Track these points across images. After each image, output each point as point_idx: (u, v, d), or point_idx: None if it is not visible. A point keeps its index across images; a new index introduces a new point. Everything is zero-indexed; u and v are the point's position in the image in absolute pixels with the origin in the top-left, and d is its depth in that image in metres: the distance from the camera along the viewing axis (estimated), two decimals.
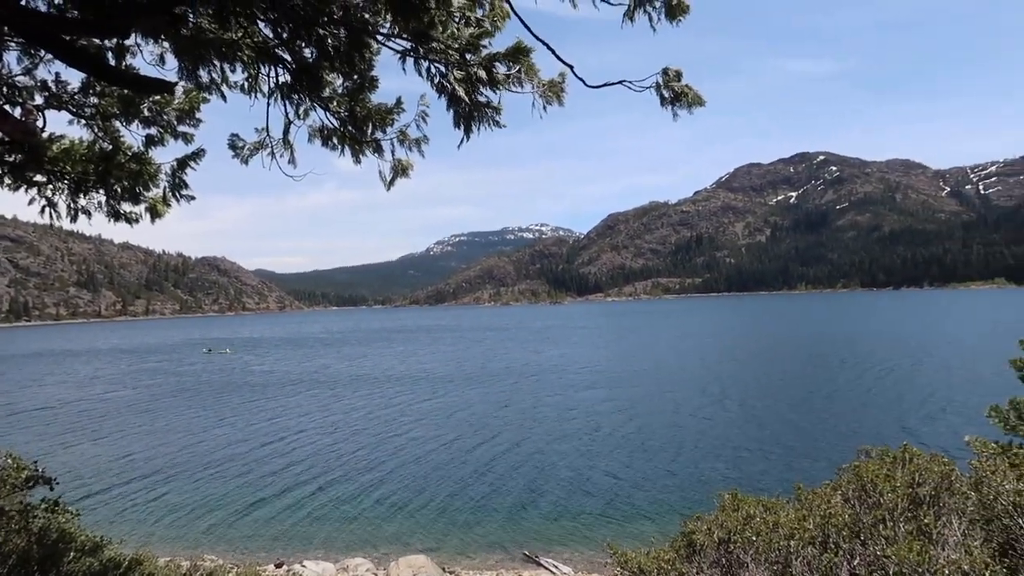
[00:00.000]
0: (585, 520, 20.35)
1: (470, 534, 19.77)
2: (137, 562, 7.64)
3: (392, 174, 6.99)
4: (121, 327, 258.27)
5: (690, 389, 43.36)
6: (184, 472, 27.48)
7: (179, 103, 8.09)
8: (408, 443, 31.23)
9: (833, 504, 5.32)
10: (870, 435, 27.55)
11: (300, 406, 43.91)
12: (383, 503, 22.67)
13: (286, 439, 33.33)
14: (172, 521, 21.74)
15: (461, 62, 4.95)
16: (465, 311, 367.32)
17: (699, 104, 5.58)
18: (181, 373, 69.25)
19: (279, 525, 21.12)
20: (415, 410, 40.47)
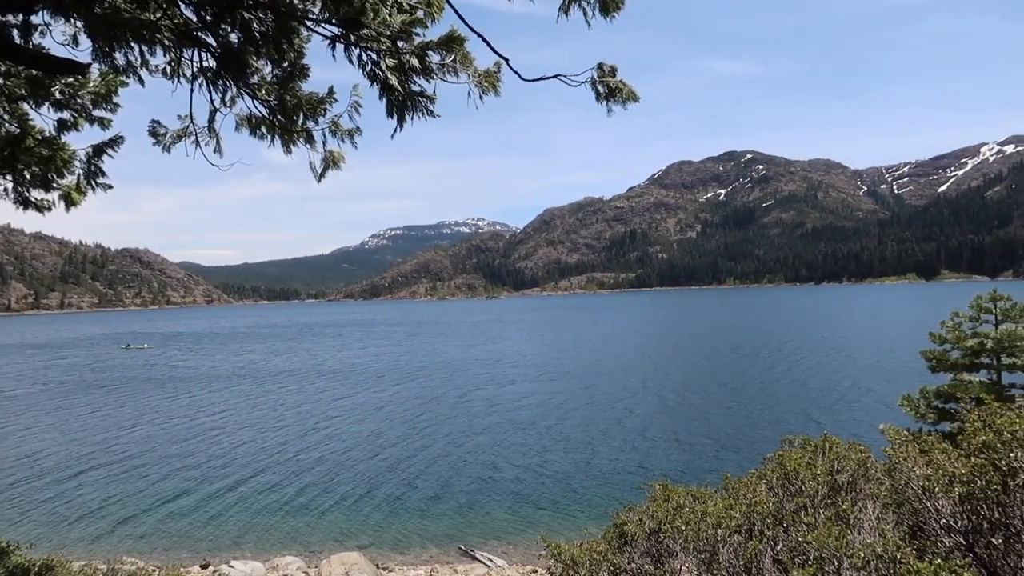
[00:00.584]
0: (519, 514, 20.47)
1: (404, 530, 19.62)
2: (48, 567, 7.24)
3: (324, 165, 6.82)
4: (33, 321, 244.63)
5: (622, 383, 44.15)
6: (100, 472, 26.29)
7: (95, 86, 7.67)
8: (338, 439, 30.74)
9: (758, 493, 5.49)
10: (793, 425, 28.70)
11: (225, 402, 42.62)
12: (314, 500, 22.24)
13: (209, 436, 32.30)
14: (87, 523, 20.78)
15: (393, 50, 4.84)
16: (400, 305, 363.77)
17: (633, 100, 5.63)
18: (97, 369, 66.11)
19: (204, 525, 20.47)
20: (345, 406, 39.85)
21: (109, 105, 7.95)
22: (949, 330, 11.70)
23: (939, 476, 4.93)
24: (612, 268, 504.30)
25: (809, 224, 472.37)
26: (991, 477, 4.78)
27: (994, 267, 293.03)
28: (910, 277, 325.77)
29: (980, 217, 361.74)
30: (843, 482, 5.56)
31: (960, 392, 10.84)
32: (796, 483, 5.47)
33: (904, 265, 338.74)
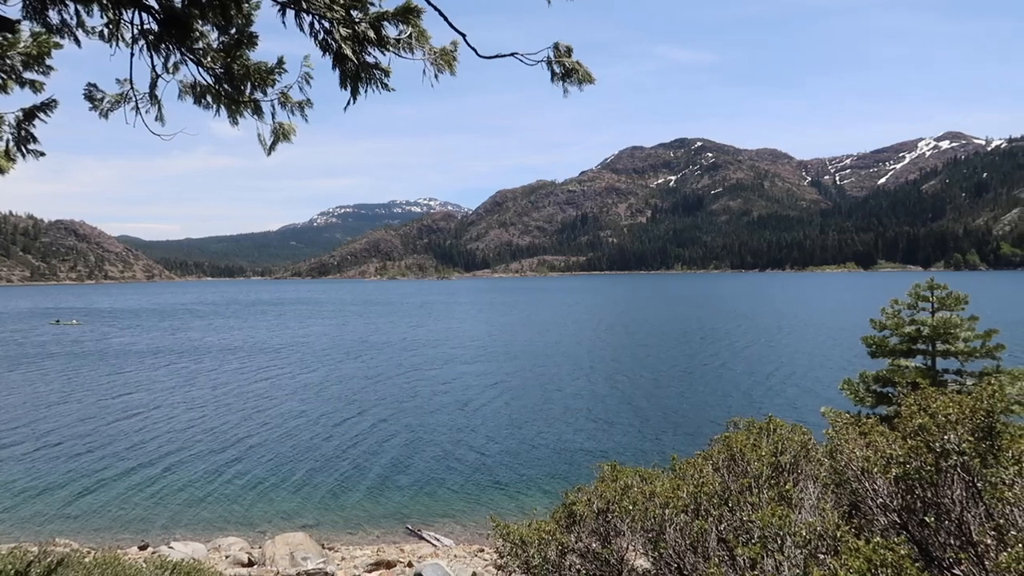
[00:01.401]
0: (466, 494, 20.54)
1: (350, 510, 19.50)
2: None
3: (273, 138, 6.57)
4: None
5: (571, 365, 44.60)
6: (27, 451, 25.33)
7: (25, 47, 7.23)
8: (281, 419, 30.28)
9: (705, 473, 5.60)
10: (738, 407, 29.47)
11: (163, 380, 41.50)
12: (256, 481, 21.89)
13: (146, 415, 31.43)
14: (14, 504, 20.01)
15: (347, 19, 4.67)
16: (349, 284, 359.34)
17: (588, 81, 5.58)
18: (24, 344, 63.47)
19: (141, 506, 19.95)
20: (289, 385, 39.26)
21: (41, 67, 7.50)
22: (888, 317, 12.15)
23: (877, 458, 5.10)
24: (563, 251, 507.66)
25: (755, 212, 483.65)
26: (925, 458, 4.96)
27: (927, 258, 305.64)
28: (849, 266, 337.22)
29: (916, 210, 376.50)
30: (786, 463, 5.71)
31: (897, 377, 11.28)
32: (742, 464, 5.60)
33: (844, 254, 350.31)
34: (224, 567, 13.50)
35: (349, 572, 14.29)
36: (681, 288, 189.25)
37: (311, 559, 14.15)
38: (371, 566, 14.77)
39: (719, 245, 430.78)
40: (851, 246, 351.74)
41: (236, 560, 14.88)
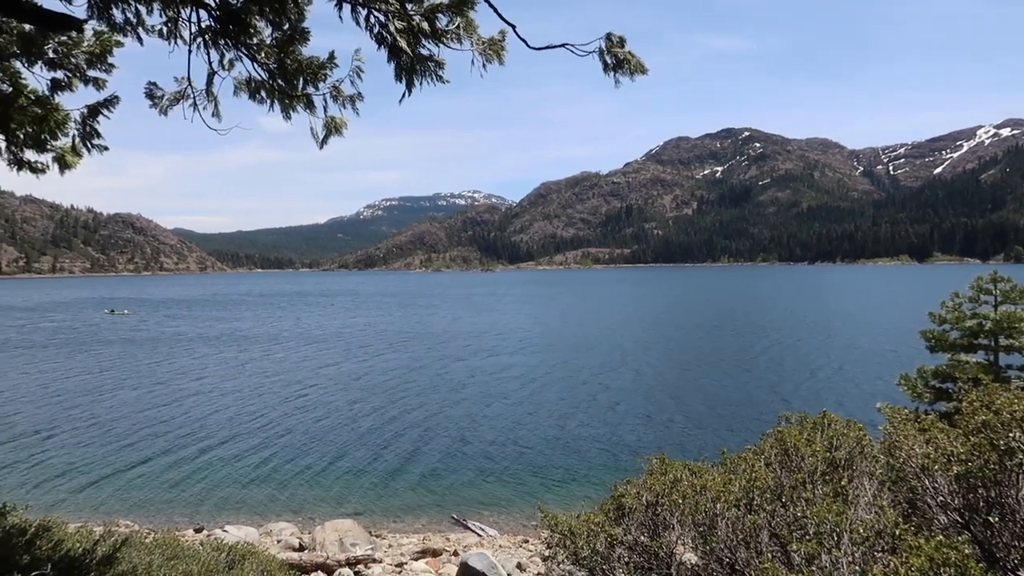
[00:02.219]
0: (510, 484, 20.64)
1: (397, 498, 19.78)
2: (45, 529, 7.25)
3: (325, 132, 6.69)
4: (24, 284, 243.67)
5: (614, 357, 44.35)
6: (91, 436, 26.32)
7: (89, 45, 7.49)
8: (327, 407, 30.84)
9: (757, 468, 5.52)
10: (788, 402, 28.95)
11: (212, 367, 42.69)
12: (307, 467, 22.37)
13: (196, 400, 32.40)
14: (81, 486, 20.86)
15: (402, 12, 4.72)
16: (394, 276, 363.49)
17: (641, 72, 5.52)
18: (81, 332, 65.96)
19: (197, 489, 20.58)
20: (333, 373, 39.96)
21: (104, 65, 7.77)
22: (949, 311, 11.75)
23: (937, 455, 4.96)
24: (607, 244, 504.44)
25: (805, 203, 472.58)
26: (989, 456, 4.81)
27: (986, 250, 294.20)
28: (903, 259, 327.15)
29: (974, 200, 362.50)
30: (841, 459, 5.59)
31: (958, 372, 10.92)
32: (795, 459, 5.50)
33: (897, 247, 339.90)
34: (276, 551, 13.85)
35: (396, 559, 14.52)
36: (728, 281, 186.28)
37: (359, 545, 14.41)
38: (417, 554, 14.97)
39: (767, 237, 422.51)
40: (905, 238, 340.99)
41: (287, 544, 15.25)
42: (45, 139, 7.61)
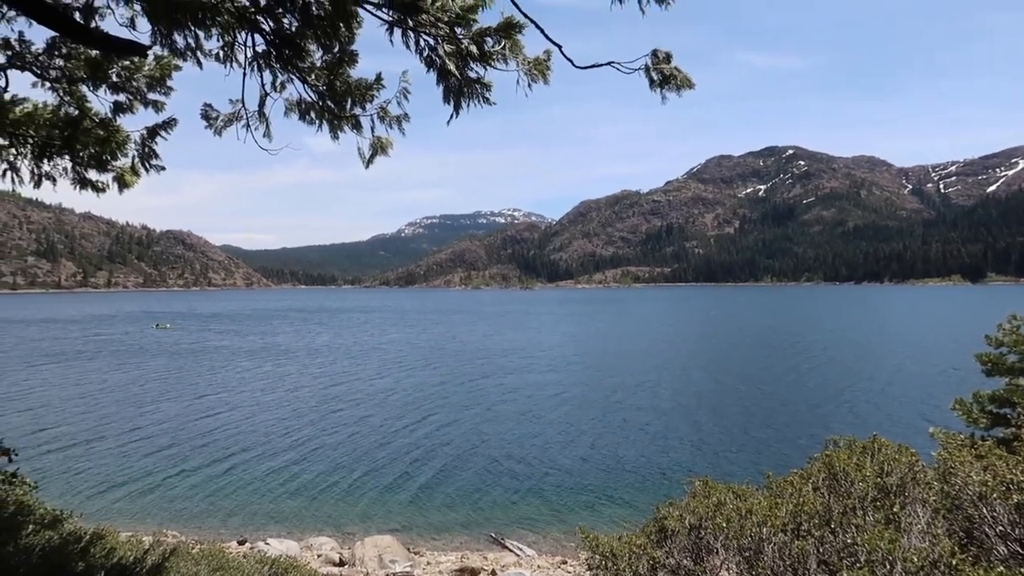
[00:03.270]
0: (549, 503, 20.49)
1: (436, 515, 19.80)
2: (98, 536, 7.46)
3: (372, 151, 6.84)
4: (81, 298, 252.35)
5: (658, 377, 43.84)
6: (141, 446, 26.99)
7: (150, 69, 7.81)
8: (365, 422, 31.08)
9: (804, 493, 5.40)
10: (835, 426, 28.19)
11: (253, 381, 43.45)
12: (346, 481, 22.56)
13: (243, 414, 32.97)
14: (130, 495, 21.37)
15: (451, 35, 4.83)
16: (434, 293, 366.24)
17: (688, 86, 5.53)
18: (129, 344, 67.90)
19: (239, 501, 20.91)
20: (372, 389, 40.28)
21: (163, 88, 8.09)
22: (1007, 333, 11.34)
23: (996, 483, 4.79)
24: (647, 262, 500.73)
25: (851, 222, 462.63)
26: None
27: None
28: (955, 279, 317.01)
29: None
30: (892, 485, 5.44)
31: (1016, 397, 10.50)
32: (844, 484, 5.36)
33: (949, 266, 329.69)
34: (317, 565, 13.98)
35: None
36: (772, 300, 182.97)
37: (399, 562, 14.47)
38: (455, 572, 14.95)
39: (811, 256, 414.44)
40: (957, 258, 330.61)
41: (328, 559, 15.39)
42: (107, 160, 7.94)
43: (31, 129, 7.52)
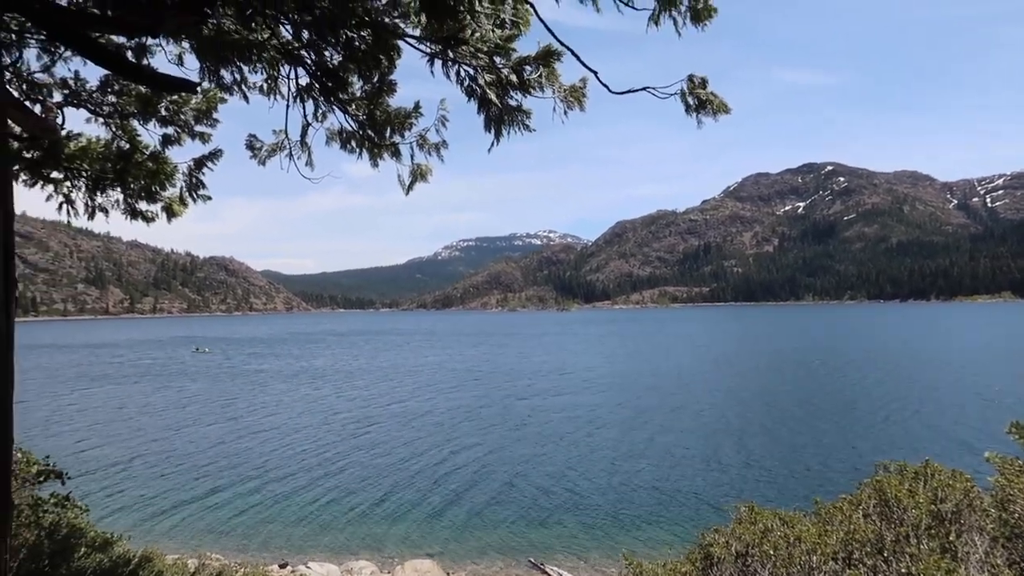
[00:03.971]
0: (590, 529, 20.23)
1: (475, 539, 19.68)
2: (147, 559, 7.61)
3: (411, 178, 6.97)
4: (127, 323, 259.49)
5: (700, 399, 43.18)
6: (182, 468, 27.44)
7: (196, 103, 8.09)
8: (402, 444, 31.16)
9: (855, 519, 5.24)
10: (883, 449, 27.36)
11: (290, 403, 43.98)
12: (388, 505, 22.59)
13: (280, 436, 33.36)
14: (172, 517, 21.68)
15: (490, 65, 4.92)
16: (471, 315, 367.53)
17: (724, 111, 5.53)
18: (170, 368, 69.43)
19: (279, 524, 21.06)
20: (408, 411, 40.40)
21: (209, 120, 8.37)
22: None
23: None
24: (685, 282, 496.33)
25: (894, 239, 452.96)
26: None
27: None
28: (1004, 295, 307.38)
29: None
30: (947, 512, 5.25)
31: None
32: (897, 511, 5.20)
33: (998, 283, 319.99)
34: None
35: None
36: (814, 319, 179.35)
37: None
38: None
39: (854, 274, 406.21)
40: (1007, 273, 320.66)
41: None
42: (156, 191, 8.21)
43: (85, 163, 7.82)
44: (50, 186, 8.17)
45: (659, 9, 5.35)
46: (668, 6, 5.32)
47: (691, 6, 5.37)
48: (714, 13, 5.42)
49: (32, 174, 7.64)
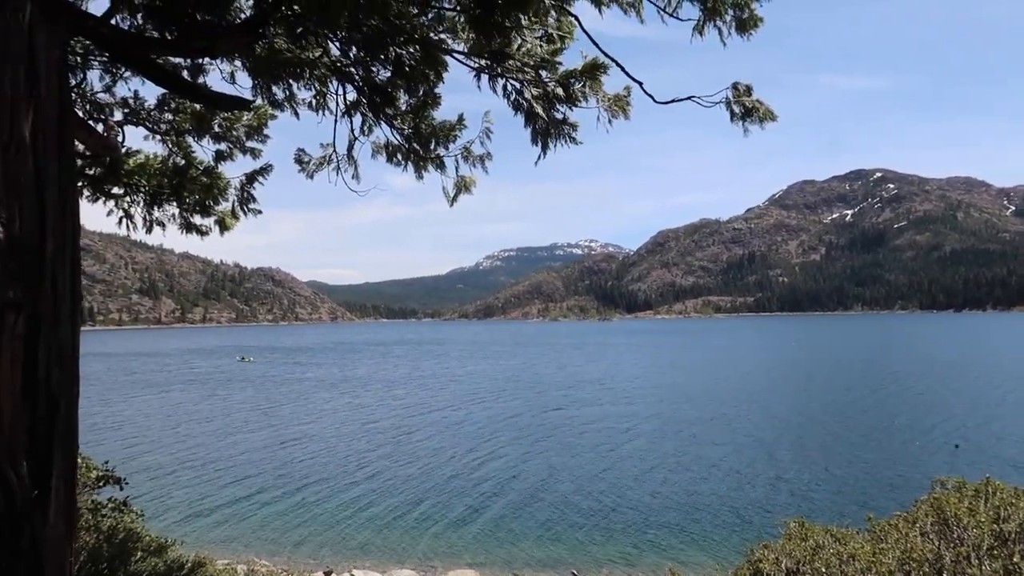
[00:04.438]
0: (635, 542, 19.97)
1: (516, 549, 19.61)
2: (199, 564, 7.81)
3: (456, 190, 7.06)
4: (178, 333, 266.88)
5: (740, 410, 42.41)
6: (228, 474, 28.01)
7: (248, 119, 8.34)
8: (443, 453, 31.26)
9: (911, 538, 5.09)
10: (939, 465, 26.41)
11: (343, 413, 44.49)
12: (429, 514, 22.67)
13: (331, 445, 33.76)
14: (220, 523, 22.09)
15: (536, 79, 4.97)
16: (512, 325, 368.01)
17: (771, 119, 5.48)
18: (216, 376, 71.11)
19: (322, 530, 21.29)
20: (449, 419, 40.55)
21: (260, 136, 8.61)
22: None
23: None
24: (729, 292, 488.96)
25: (947, 247, 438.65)
26: None
27: None
28: None
29: None
30: (1010, 532, 5.06)
31: None
32: (956, 530, 5.03)
33: None
34: None
35: None
36: (864, 330, 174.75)
37: None
38: None
39: (905, 283, 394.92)
40: None
41: None
42: (209, 205, 8.48)
43: (144, 178, 8.12)
44: (111, 201, 8.51)
45: (704, 19, 5.34)
46: (713, 16, 5.30)
47: (736, 16, 5.34)
48: (760, 23, 5.38)
49: (94, 190, 7.96)
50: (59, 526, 3.05)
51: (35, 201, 3.05)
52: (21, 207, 2.82)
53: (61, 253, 3.27)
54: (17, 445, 2.64)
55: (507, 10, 3.83)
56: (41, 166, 3.08)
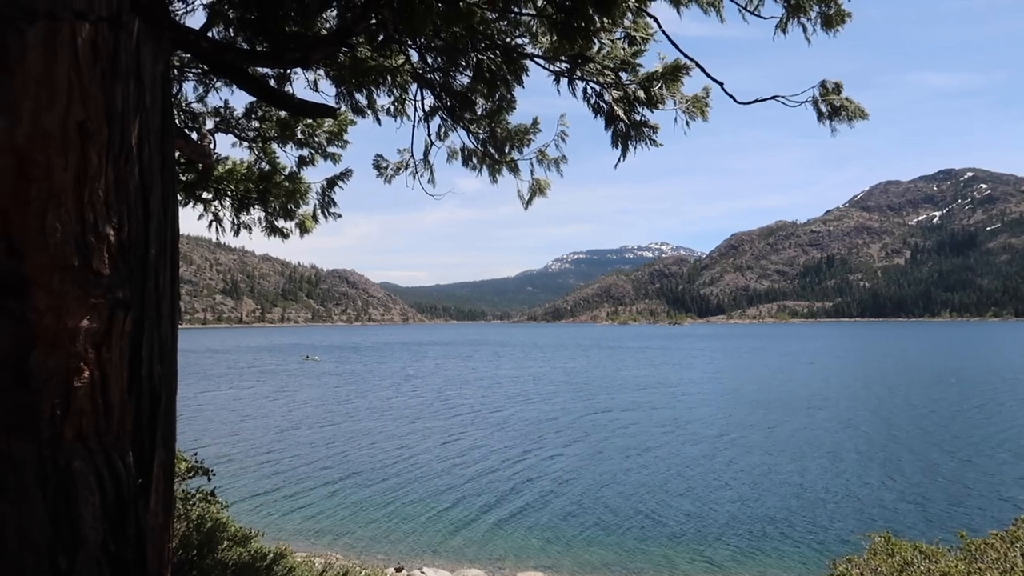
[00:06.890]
0: (709, 550, 19.55)
1: (587, 553, 19.47)
2: (280, 555, 8.11)
3: (530, 193, 7.11)
4: (258, 332, 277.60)
5: (816, 418, 40.89)
6: (301, 468, 28.71)
7: (329, 126, 8.63)
8: (516, 454, 31.25)
9: (1011, 558, 4.81)
10: None
11: (411, 411, 45.13)
12: (499, 514, 22.75)
13: (398, 442, 34.24)
14: (293, 516, 22.59)
15: (617, 82, 4.96)
16: (581, 328, 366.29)
17: (861, 117, 5.29)
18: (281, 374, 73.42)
19: (392, 527, 21.60)
20: (526, 419, 40.49)
21: (340, 142, 8.89)
22: None
23: None
24: (806, 296, 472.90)
25: None
26: None
27: None
28: None
29: None
30: None
31: None
32: None
33: None
34: None
35: None
36: (954, 337, 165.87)
37: None
38: None
39: (998, 289, 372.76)
40: None
41: None
42: (292, 209, 8.82)
43: (231, 184, 8.50)
44: (200, 205, 8.95)
45: (787, 16, 5.21)
46: (797, 13, 5.17)
47: (822, 12, 5.19)
48: (848, 18, 5.20)
49: (187, 195, 8.39)
50: (159, 514, 3.22)
51: (140, 207, 3.25)
52: (130, 213, 3.01)
53: (163, 255, 3.46)
54: (125, 436, 2.82)
55: (590, 13, 3.84)
56: (146, 174, 3.28)
